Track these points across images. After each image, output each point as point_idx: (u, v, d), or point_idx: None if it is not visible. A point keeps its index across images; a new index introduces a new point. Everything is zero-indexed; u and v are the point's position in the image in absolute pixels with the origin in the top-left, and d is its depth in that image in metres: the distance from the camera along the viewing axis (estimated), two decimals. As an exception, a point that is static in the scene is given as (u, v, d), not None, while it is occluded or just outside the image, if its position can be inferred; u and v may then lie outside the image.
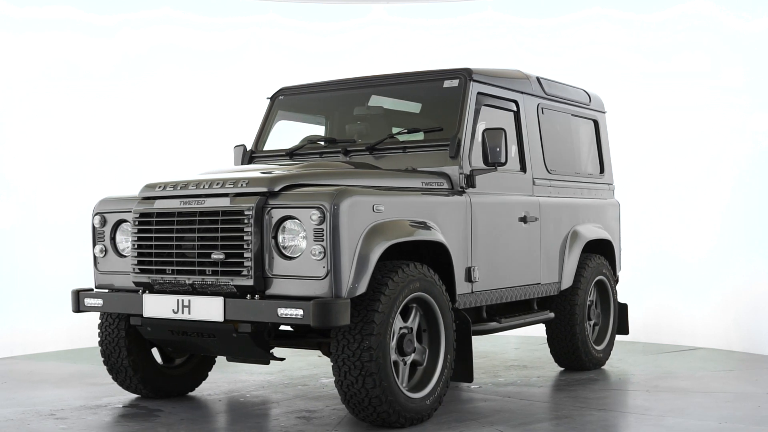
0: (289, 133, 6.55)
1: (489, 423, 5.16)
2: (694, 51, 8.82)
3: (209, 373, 6.29)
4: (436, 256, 5.37)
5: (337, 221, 4.65)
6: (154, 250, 5.20)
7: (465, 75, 5.83)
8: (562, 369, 7.03)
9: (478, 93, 5.84)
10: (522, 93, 6.34)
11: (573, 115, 7.03)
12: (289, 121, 6.75)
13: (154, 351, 6.05)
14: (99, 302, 5.49)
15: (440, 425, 5.11)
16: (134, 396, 6.11)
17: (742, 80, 8.49)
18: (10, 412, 5.76)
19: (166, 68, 9.44)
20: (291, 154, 6.25)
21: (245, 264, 4.83)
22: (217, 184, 5.04)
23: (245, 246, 4.83)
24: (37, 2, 8.85)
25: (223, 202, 4.95)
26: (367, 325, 4.73)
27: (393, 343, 4.96)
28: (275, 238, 4.82)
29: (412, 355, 5.11)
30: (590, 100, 7.30)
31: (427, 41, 9.96)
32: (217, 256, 4.91)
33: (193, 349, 5.61)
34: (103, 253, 5.63)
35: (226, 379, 6.77)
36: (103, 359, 5.91)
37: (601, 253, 7.21)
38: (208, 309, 4.91)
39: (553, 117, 6.76)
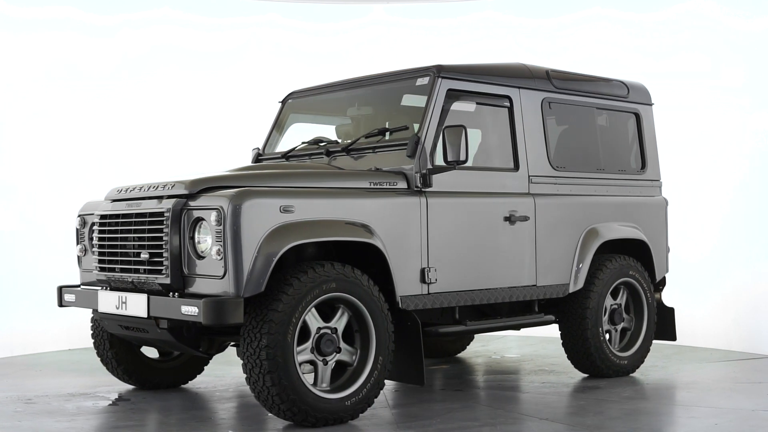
0: (304, 135, 6.53)
1: (407, 426, 5.11)
2: (694, 51, 8.82)
3: (224, 365, 6.36)
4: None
5: (233, 222, 4.76)
6: (106, 250, 5.53)
7: (434, 72, 5.75)
8: (586, 375, 6.71)
9: (449, 90, 5.73)
10: (519, 88, 6.18)
11: (599, 108, 6.77)
12: (302, 123, 6.78)
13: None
14: (73, 298, 5.85)
15: (354, 426, 5.08)
16: (130, 387, 6.37)
17: (742, 80, 8.49)
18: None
19: (166, 69, 9.44)
20: (287, 156, 6.35)
21: (164, 263, 5.03)
22: (153, 187, 5.29)
23: (164, 246, 5.03)
24: (37, 2, 8.86)
25: (152, 205, 5.19)
26: (266, 324, 4.80)
27: (308, 343, 5.01)
28: (192, 238, 4.98)
29: (336, 355, 5.13)
30: (628, 93, 6.98)
31: (427, 41, 9.96)
32: (144, 255, 5.15)
33: (140, 342, 5.89)
34: (84, 252, 5.99)
35: (238, 372, 6.78)
36: (96, 351, 6.26)
37: (633, 253, 6.89)
38: (137, 305, 5.17)
39: (567, 111, 6.56)
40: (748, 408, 5.61)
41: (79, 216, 5.99)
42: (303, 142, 6.36)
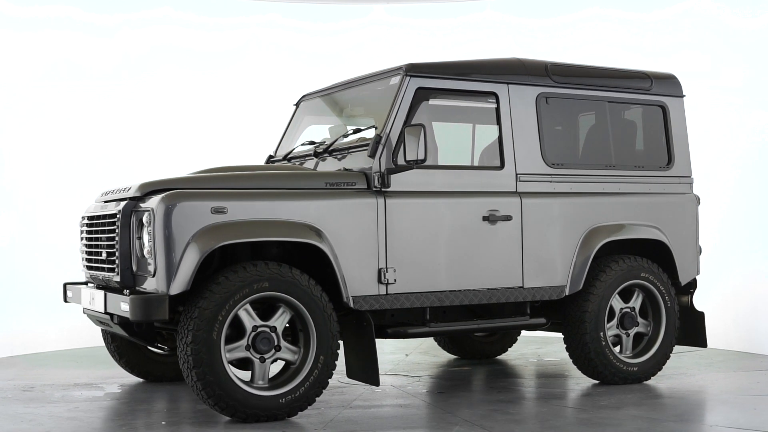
0: (318, 137, 6.55)
1: (332, 426, 5.12)
2: (694, 50, 8.82)
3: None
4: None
5: (161, 223, 4.97)
6: (87, 249, 5.88)
7: (403, 71, 5.70)
8: (596, 382, 6.43)
9: (419, 88, 5.66)
10: (507, 84, 6.02)
11: (612, 102, 6.46)
12: (317, 125, 6.78)
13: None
14: (71, 294, 6.11)
15: (285, 423, 5.14)
16: (138, 380, 6.67)
17: (742, 79, 8.48)
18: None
19: (167, 68, 9.45)
20: (288, 158, 6.40)
21: (116, 262, 5.29)
22: (119, 191, 5.55)
23: (116, 246, 5.28)
24: (37, 1, 8.87)
25: (112, 207, 5.47)
26: (191, 321, 4.96)
27: (243, 341, 5.12)
28: (140, 238, 5.16)
29: (276, 353, 5.20)
30: (652, 85, 6.63)
31: (427, 41, 9.96)
32: (104, 255, 5.51)
33: (117, 335, 6.16)
34: None
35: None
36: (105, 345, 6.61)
37: (652, 254, 6.56)
38: (98, 302, 5.47)
39: (570, 106, 6.34)
40: (708, 423, 5.32)
41: (82, 217, 6.16)
42: (302, 144, 6.38)
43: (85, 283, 6.11)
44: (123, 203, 5.27)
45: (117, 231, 5.23)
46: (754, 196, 8.26)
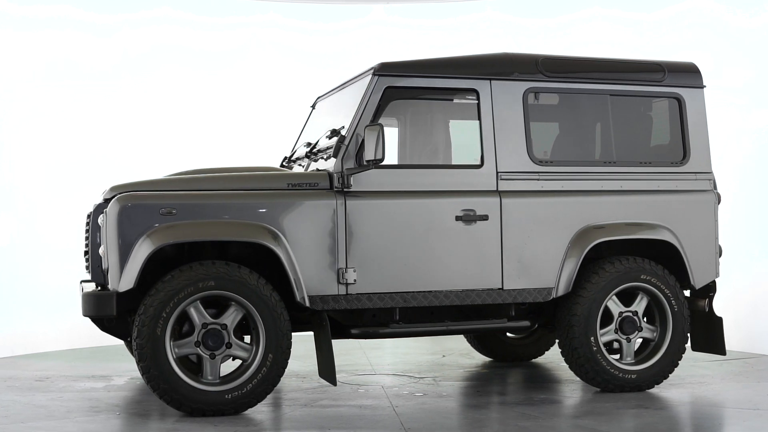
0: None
1: (270, 424, 5.18)
2: (695, 50, 8.81)
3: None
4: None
5: (112, 223, 5.19)
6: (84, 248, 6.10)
7: (373, 71, 5.69)
8: (597, 390, 6.15)
9: (388, 87, 5.63)
10: (489, 80, 5.85)
11: (615, 95, 6.15)
12: (331, 126, 6.78)
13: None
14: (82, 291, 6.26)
15: (218, 420, 5.21)
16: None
17: (744, 78, 8.47)
18: (6, 374, 7.02)
19: (167, 68, 9.44)
20: (289, 159, 6.44)
21: (88, 260, 5.58)
22: (103, 192, 5.61)
23: (88, 245, 5.59)
24: (37, 1, 8.86)
25: (91, 208, 5.68)
26: (138, 317, 5.17)
27: (195, 337, 5.26)
28: None
29: (227, 350, 5.31)
30: (665, 76, 6.26)
31: (427, 41, 9.95)
32: (83, 253, 5.81)
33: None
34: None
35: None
36: None
37: (660, 255, 6.23)
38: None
39: (566, 101, 6.11)
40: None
41: (87, 215, 6.27)
42: (302, 145, 6.38)
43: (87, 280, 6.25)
44: (96, 205, 5.54)
45: (89, 230, 5.49)
46: (755, 196, 8.25)
